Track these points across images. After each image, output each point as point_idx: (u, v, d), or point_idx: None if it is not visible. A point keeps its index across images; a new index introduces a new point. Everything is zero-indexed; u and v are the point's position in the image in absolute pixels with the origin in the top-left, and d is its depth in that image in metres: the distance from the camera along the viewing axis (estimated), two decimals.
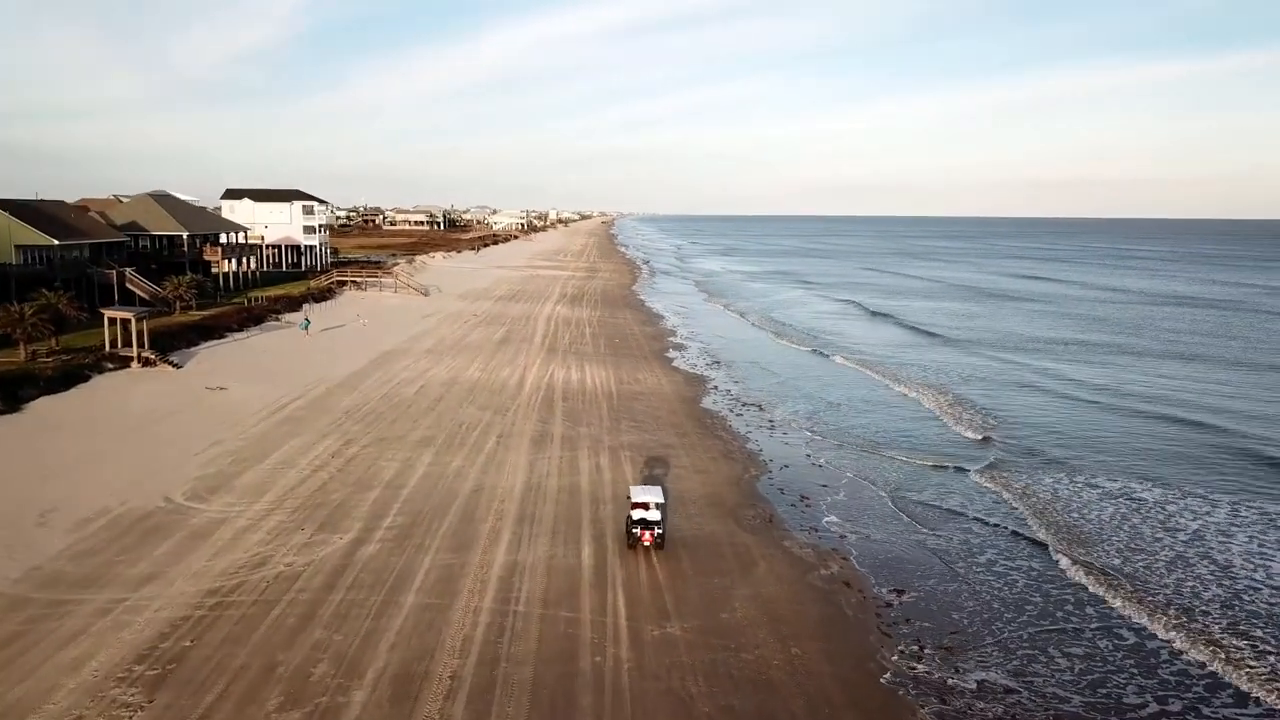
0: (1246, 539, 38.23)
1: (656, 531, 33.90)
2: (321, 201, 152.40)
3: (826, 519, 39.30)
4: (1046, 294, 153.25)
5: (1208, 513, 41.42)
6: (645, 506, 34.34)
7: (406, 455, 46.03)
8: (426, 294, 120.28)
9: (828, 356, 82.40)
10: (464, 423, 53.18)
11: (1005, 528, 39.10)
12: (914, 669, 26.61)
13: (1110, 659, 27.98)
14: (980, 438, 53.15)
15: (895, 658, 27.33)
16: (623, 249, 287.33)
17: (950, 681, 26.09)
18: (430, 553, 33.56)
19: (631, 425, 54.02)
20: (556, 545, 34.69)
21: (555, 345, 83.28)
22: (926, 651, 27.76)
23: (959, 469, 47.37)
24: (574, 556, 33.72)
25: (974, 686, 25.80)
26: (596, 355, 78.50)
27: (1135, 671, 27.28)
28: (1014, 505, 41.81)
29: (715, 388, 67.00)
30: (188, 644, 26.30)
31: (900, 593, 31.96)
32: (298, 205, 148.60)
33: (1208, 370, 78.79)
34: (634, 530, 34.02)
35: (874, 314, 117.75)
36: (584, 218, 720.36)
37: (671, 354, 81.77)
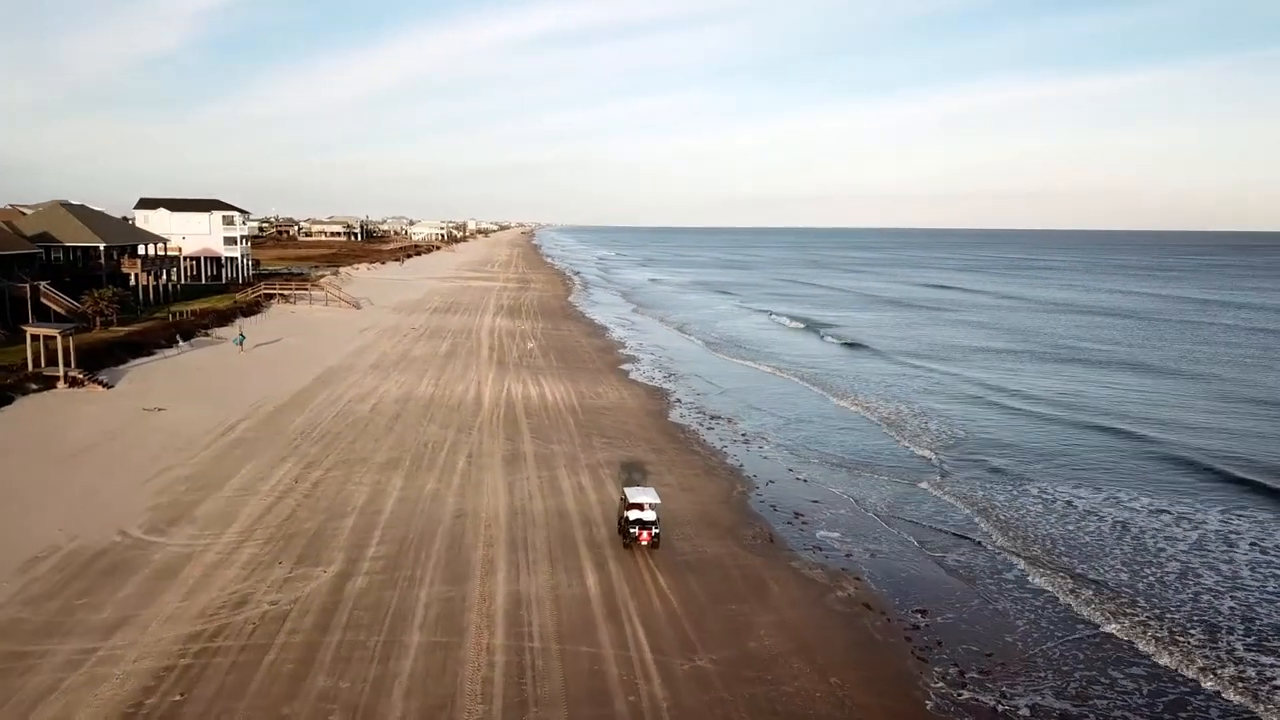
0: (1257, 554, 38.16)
1: (654, 531, 34.44)
2: (242, 211, 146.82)
3: (826, 537, 38.11)
4: (957, 302, 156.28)
5: (1170, 514, 41.41)
6: (641, 507, 34.79)
7: (375, 478, 43.45)
8: (359, 307, 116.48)
9: (774, 371, 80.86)
10: (428, 442, 50.70)
11: (1007, 544, 38.34)
12: (959, 695, 25.45)
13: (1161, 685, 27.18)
14: (933, 454, 52.21)
15: (938, 684, 26.13)
16: (548, 260, 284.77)
17: (1000, 708, 25.00)
18: (425, 585, 31.27)
19: (604, 442, 52.20)
20: (558, 573, 32.71)
21: (504, 359, 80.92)
22: (968, 676, 26.64)
23: (932, 483, 46.71)
24: (578, 585, 31.80)
25: (1027, 713, 24.70)
26: (549, 369, 76.41)
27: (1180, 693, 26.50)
28: (1006, 521, 41.20)
29: (678, 401, 65.57)
30: (177, 698, 23.68)
31: (923, 613, 30.86)
32: (217, 215, 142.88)
33: (1132, 377, 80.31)
34: (631, 530, 34.46)
35: (803, 326, 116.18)
36: (503, 228, 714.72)
37: (625, 366, 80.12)
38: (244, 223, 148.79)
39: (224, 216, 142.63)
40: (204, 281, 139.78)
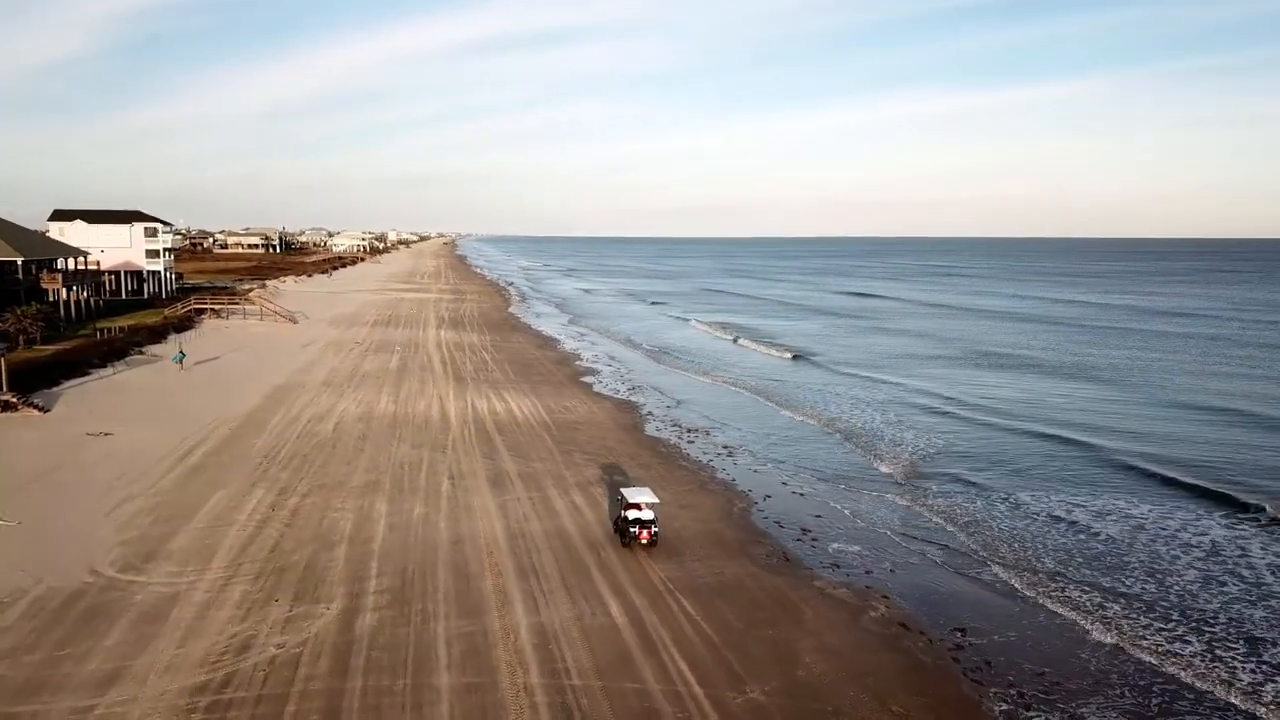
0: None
1: (653, 530, 35.66)
2: (165, 223, 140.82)
3: (841, 554, 37.08)
4: (883, 310, 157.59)
5: (1171, 521, 41.50)
6: (638, 507, 35.98)
7: (358, 504, 41.05)
8: (295, 321, 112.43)
9: (731, 383, 79.15)
10: (403, 463, 48.37)
11: (1020, 557, 37.79)
12: (1029, 718, 24.45)
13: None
14: (916, 466, 51.63)
15: (1002, 706, 25.19)
16: (477, 270, 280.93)
17: None
18: (440, 620, 29.23)
19: (586, 458, 50.49)
20: (578, 602, 30.95)
21: (460, 373, 78.48)
22: (1030, 697, 25.76)
23: (924, 495, 46.22)
24: (603, 614, 30.11)
25: None
26: (509, 383, 74.26)
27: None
28: (1011, 534, 40.76)
29: (650, 414, 64.13)
30: None
31: (962, 632, 29.94)
32: (139, 227, 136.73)
33: (1068, 383, 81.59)
34: (631, 529, 35.62)
35: (744, 336, 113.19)
36: (423, 239, 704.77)
37: (587, 379, 78.40)
38: (168, 234, 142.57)
39: (146, 228, 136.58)
40: (124, 296, 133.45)
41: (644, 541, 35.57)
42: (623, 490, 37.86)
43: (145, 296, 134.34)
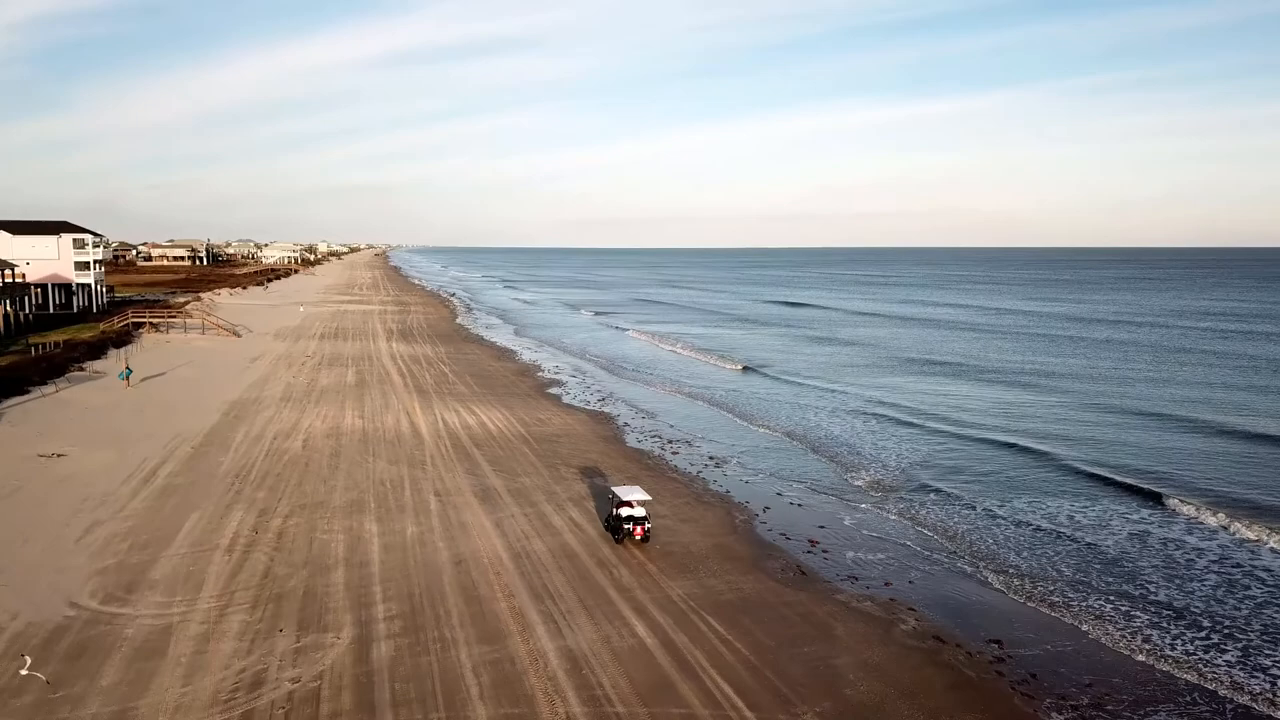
0: None
1: (646, 526, 36.89)
2: (95, 234, 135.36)
3: (855, 565, 36.34)
4: (820, 319, 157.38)
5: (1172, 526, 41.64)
6: (631, 505, 37.16)
7: (345, 524, 39.09)
8: (239, 335, 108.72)
9: (691, 397, 78.14)
10: (383, 480, 46.42)
11: (1032, 565, 37.44)
12: None
13: None
14: (888, 478, 51.41)
15: (1060, 718, 24.46)
16: (415, 282, 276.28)
17: None
18: (461, 647, 27.63)
19: (573, 472, 49.07)
20: (601, 623, 29.60)
21: (421, 386, 76.33)
22: (1083, 707, 25.16)
23: (918, 504, 45.81)
24: (630, 635, 28.82)
25: None
26: (475, 395, 72.36)
27: None
28: (1018, 541, 40.48)
29: (626, 426, 62.90)
30: None
31: (999, 643, 29.30)
32: (67, 239, 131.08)
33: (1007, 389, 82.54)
34: (625, 526, 36.79)
35: (686, 346, 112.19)
36: (353, 250, 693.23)
37: (554, 390, 76.83)
38: (99, 246, 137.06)
39: (75, 240, 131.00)
40: (52, 310, 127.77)
41: (638, 538, 36.78)
42: (614, 489, 38.98)
43: (75, 310, 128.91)
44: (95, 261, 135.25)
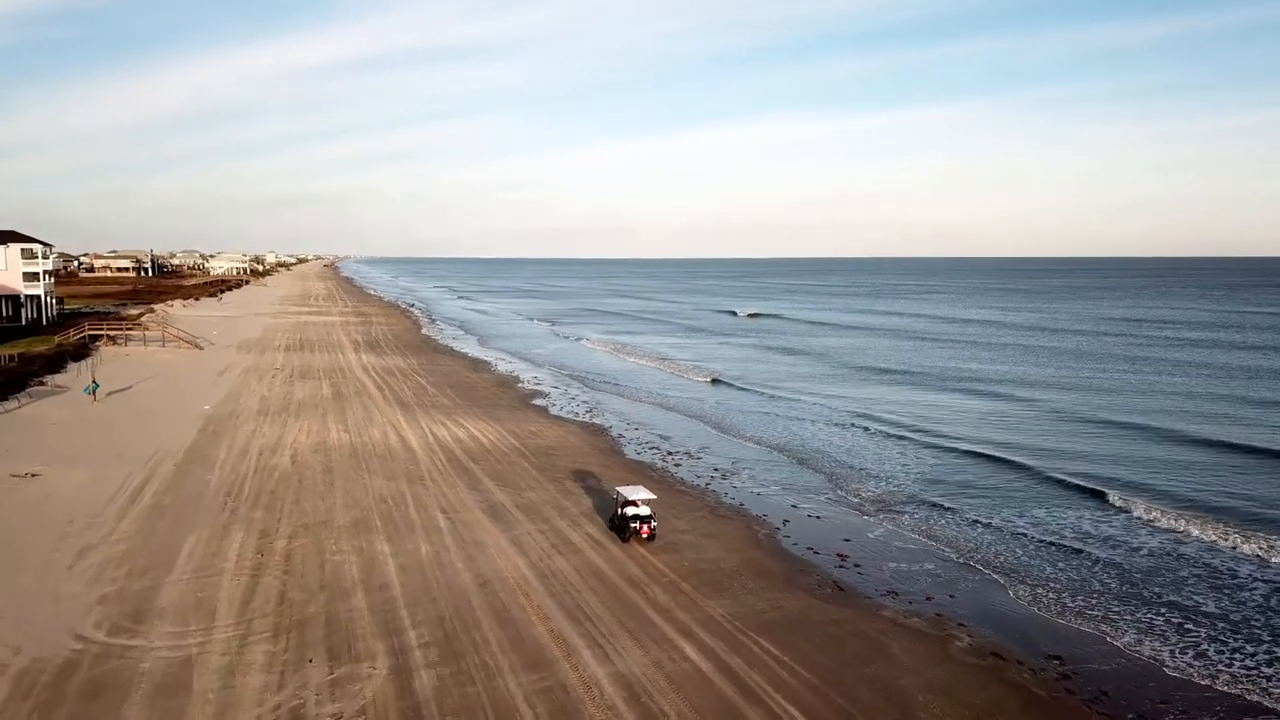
0: None
1: (652, 525, 37.71)
2: (45, 244, 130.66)
3: (891, 579, 35.40)
4: (764, 328, 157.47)
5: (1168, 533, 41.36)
6: (636, 504, 38.02)
7: (355, 545, 37.23)
8: (201, 347, 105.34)
9: (668, 408, 76.87)
10: (384, 497, 44.55)
11: (1069, 576, 36.77)
12: None
13: None
14: (897, 490, 50.88)
15: None
16: (372, 293, 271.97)
17: None
18: (507, 675, 26.07)
19: (578, 486, 47.62)
20: (649, 647, 28.21)
21: (402, 399, 74.21)
22: None
23: (934, 515, 45.16)
24: (681, 659, 27.47)
25: None
26: (458, 407, 70.47)
27: None
28: (1038, 552, 39.87)
29: (621, 437, 61.54)
30: None
31: (1058, 659, 28.45)
32: (15, 249, 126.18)
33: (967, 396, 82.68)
34: (631, 525, 37.50)
35: (653, 358, 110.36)
36: (301, 261, 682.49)
37: (539, 402, 75.18)
38: (47, 257, 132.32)
39: (24, 250, 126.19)
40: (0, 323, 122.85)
41: (644, 536, 37.54)
42: (618, 489, 40.06)
43: (24, 323, 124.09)
44: (45, 272, 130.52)
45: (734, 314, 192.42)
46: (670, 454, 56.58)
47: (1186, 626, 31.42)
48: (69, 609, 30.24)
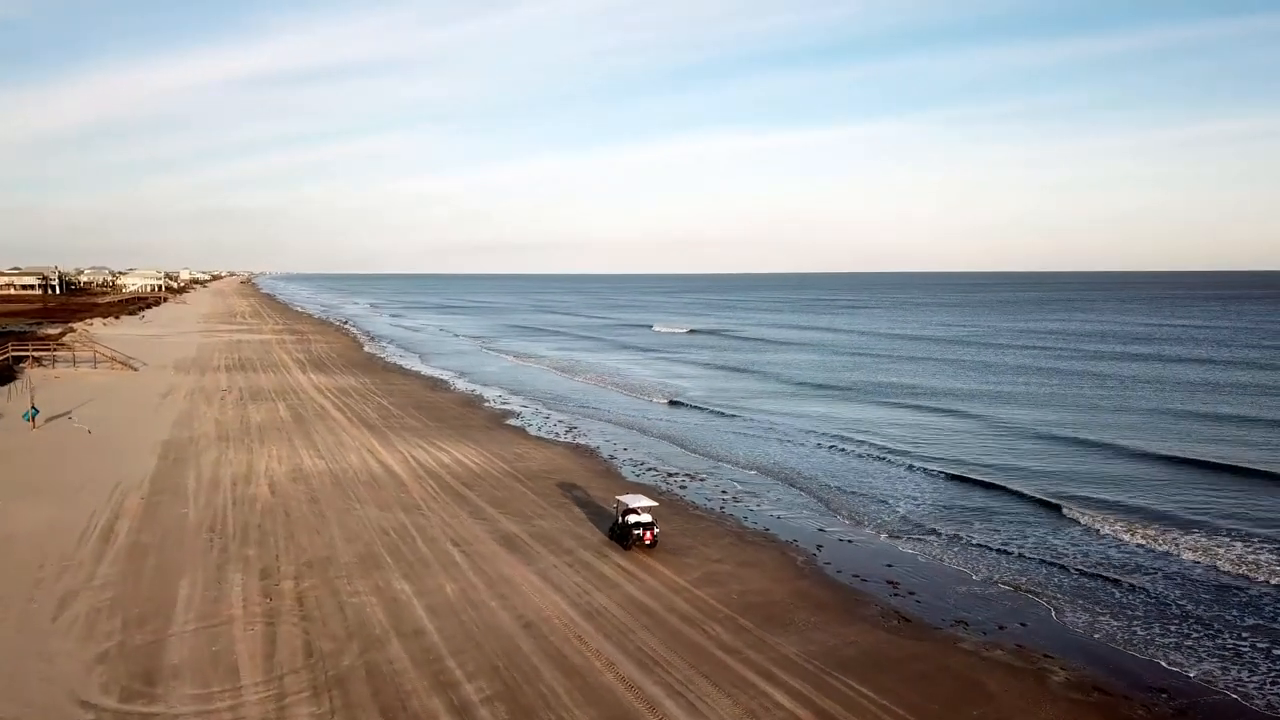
0: None
1: (655, 531, 38.16)
2: None
3: (955, 607, 33.54)
4: (697, 343, 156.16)
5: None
6: (637, 511, 38.57)
7: (370, 584, 34.03)
8: (135, 369, 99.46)
9: (639, 429, 75.01)
10: (384, 529, 41.31)
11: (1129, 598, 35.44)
12: None
13: None
14: (911, 511, 49.73)
15: None
16: (300, 310, 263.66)
17: None
18: None
19: (589, 512, 44.97)
20: (733, 694, 25.80)
21: (367, 420, 70.45)
22: None
23: (963, 539, 43.73)
24: (775, 706, 25.15)
25: None
26: (430, 429, 67.04)
27: None
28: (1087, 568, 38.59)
29: (613, 458, 58.93)
30: None
31: (1164, 692, 26.85)
32: None
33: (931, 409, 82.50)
34: (634, 532, 37.94)
35: (601, 378, 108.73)
36: (216, 277, 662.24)
37: (513, 423, 72.13)
38: None
39: None
40: None
41: (647, 542, 37.98)
42: (619, 497, 40.59)
43: None
44: None
45: (675, 332, 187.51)
46: (671, 476, 54.21)
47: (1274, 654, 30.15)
48: (66, 670, 26.56)
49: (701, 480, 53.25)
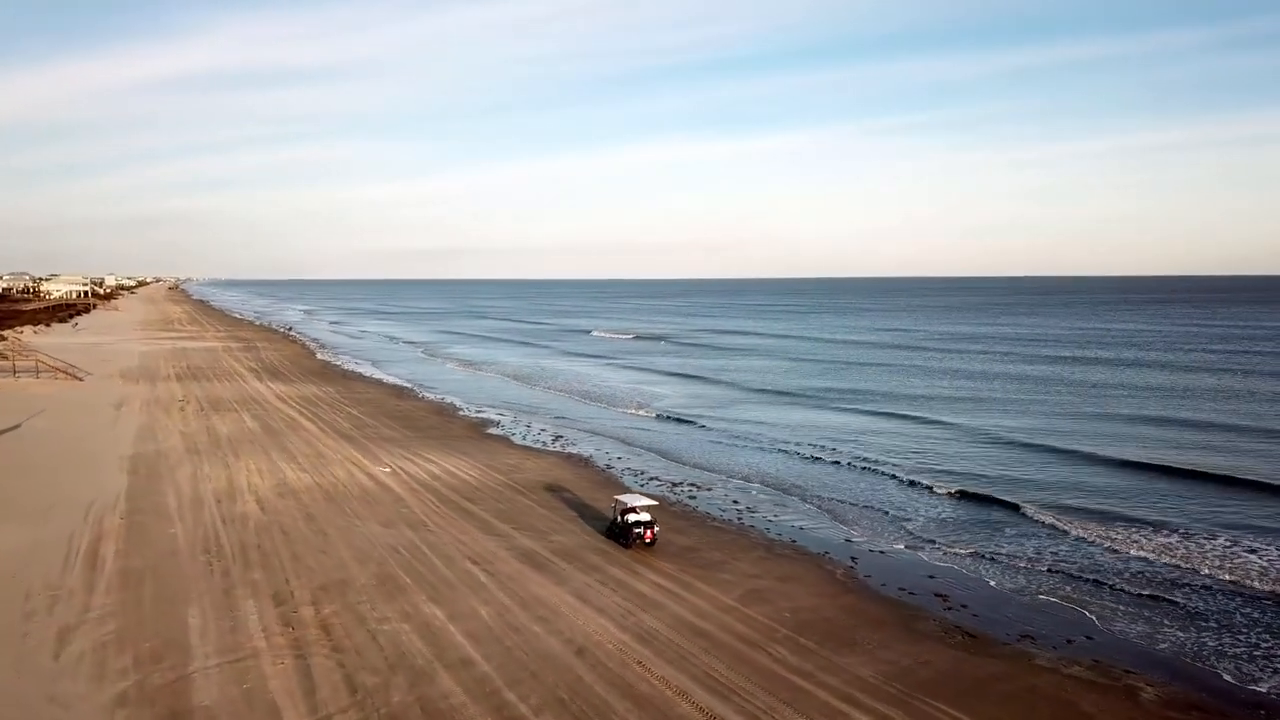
0: None
1: (655, 530, 38.78)
2: None
3: (1013, 619, 32.38)
4: (658, 350, 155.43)
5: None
6: (636, 510, 39.19)
7: (398, 609, 31.69)
8: (81, 379, 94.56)
9: (628, 442, 73.35)
10: (394, 547, 38.90)
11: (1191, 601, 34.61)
12: None
13: None
14: (921, 523, 48.99)
15: None
16: (238, 316, 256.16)
17: None
18: None
19: (602, 524, 42.91)
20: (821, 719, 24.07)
21: (341, 430, 67.50)
22: None
23: (990, 547, 42.79)
24: None
25: None
26: (410, 439, 64.36)
27: None
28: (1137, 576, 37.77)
29: (609, 468, 57.03)
30: None
31: (1264, 709, 25.83)
32: None
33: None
34: (635, 531, 38.44)
35: (560, 386, 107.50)
36: (142, 284, 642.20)
37: (494, 432, 69.74)
38: None
39: None
40: None
41: (648, 541, 38.45)
42: (617, 497, 41.38)
43: None
44: None
45: (619, 337, 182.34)
46: (675, 485, 52.53)
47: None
48: (80, 714, 23.82)
49: (708, 490, 51.63)
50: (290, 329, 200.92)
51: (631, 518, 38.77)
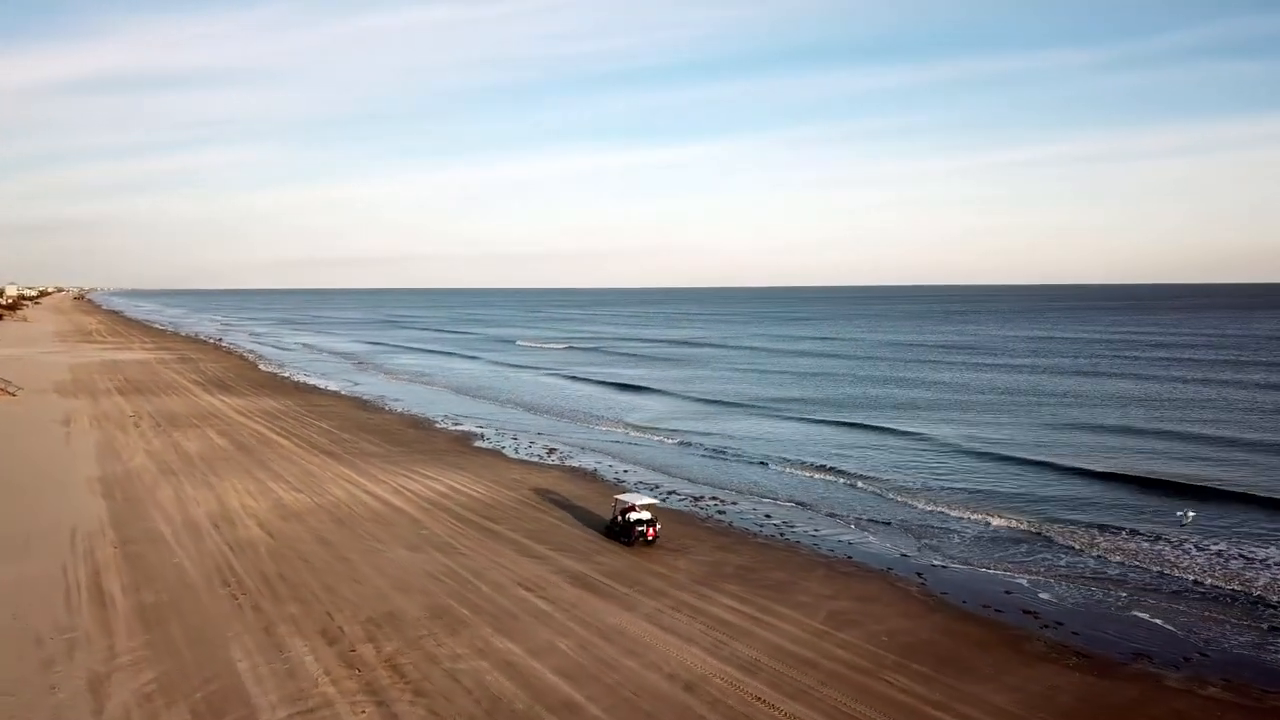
0: None
1: (657, 528, 39.61)
2: None
3: (1113, 637, 30.93)
4: (587, 361, 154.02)
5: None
6: (636, 508, 40.06)
7: (468, 645, 28.81)
8: (13, 394, 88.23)
9: (620, 457, 71.23)
10: (431, 574, 35.93)
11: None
12: None
13: None
14: (957, 533, 47.51)
15: None
16: (158, 326, 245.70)
17: None
18: None
19: (652, 547, 40.44)
20: None
21: (319, 446, 63.76)
22: None
23: (1039, 557, 41.54)
24: None
25: None
26: (397, 455, 60.95)
27: None
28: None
29: (620, 481, 54.52)
30: None
31: None
32: None
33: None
34: (637, 529, 39.20)
35: (497, 397, 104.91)
36: (44, 294, 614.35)
37: (481, 444, 66.66)
38: None
39: None
40: None
41: (650, 539, 39.27)
42: (618, 497, 42.39)
43: None
44: None
45: (550, 347, 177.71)
46: (697, 500, 50.28)
47: None
48: None
49: (734, 505, 49.50)
50: (221, 340, 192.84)
51: (633, 516, 39.63)
